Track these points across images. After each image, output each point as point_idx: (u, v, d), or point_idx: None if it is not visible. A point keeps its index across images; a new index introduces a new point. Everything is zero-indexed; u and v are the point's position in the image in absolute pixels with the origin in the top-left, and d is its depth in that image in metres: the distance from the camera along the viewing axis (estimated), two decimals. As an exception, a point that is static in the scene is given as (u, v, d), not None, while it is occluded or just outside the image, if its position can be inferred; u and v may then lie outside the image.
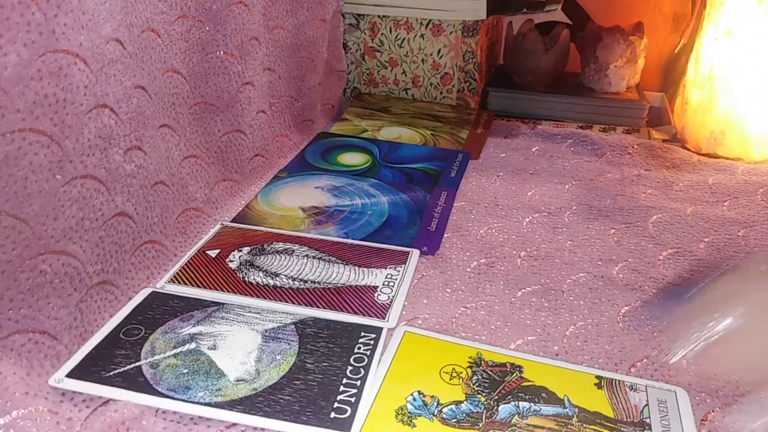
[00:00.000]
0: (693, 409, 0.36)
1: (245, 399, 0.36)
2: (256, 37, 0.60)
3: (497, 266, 0.50)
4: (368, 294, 0.45)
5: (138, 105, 0.45)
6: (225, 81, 0.57)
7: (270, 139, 0.66)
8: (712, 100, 0.75)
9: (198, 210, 0.54)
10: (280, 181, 0.63)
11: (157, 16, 0.48)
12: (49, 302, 0.37)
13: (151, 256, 0.47)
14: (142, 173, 0.45)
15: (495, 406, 0.36)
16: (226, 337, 0.40)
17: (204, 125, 0.57)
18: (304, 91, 0.71)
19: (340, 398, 0.36)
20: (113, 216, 0.42)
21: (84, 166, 0.39)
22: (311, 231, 0.54)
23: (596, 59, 0.86)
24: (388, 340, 0.41)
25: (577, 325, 0.43)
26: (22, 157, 0.35)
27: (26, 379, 0.35)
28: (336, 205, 0.58)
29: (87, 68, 0.38)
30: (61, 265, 0.38)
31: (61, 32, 0.36)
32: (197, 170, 0.55)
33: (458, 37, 0.79)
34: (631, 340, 0.42)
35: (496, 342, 0.42)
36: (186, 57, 0.53)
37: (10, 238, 0.35)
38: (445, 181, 0.64)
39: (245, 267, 0.48)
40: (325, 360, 0.39)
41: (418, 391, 0.37)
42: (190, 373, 0.37)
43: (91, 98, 0.39)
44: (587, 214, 0.58)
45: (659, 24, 0.99)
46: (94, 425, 0.34)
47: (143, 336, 0.40)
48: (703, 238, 0.54)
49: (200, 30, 0.54)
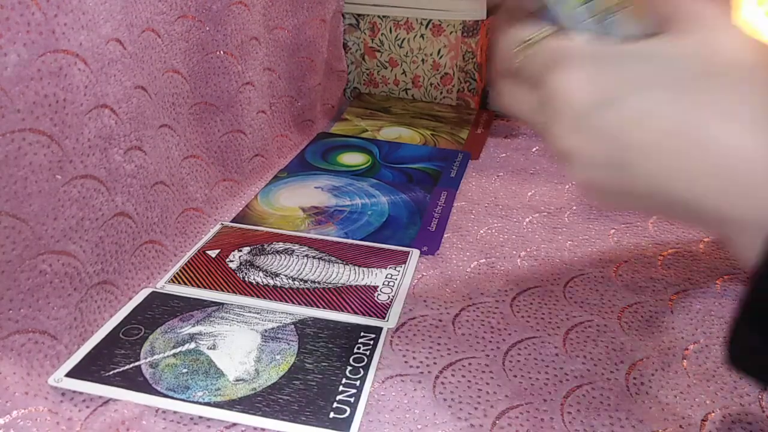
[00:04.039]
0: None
1: (244, 399, 0.36)
2: (256, 37, 0.60)
3: (497, 266, 0.50)
4: (368, 294, 0.45)
5: (138, 105, 0.45)
6: (225, 81, 0.57)
7: (270, 139, 0.66)
8: (712, 100, 0.75)
9: (198, 210, 0.54)
10: (280, 181, 0.63)
11: (157, 16, 0.49)
12: (49, 302, 0.37)
13: (151, 256, 0.47)
14: (142, 173, 0.45)
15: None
16: (226, 336, 0.40)
17: (204, 125, 0.57)
18: (304, 91, 0.71)
19: (339, 398, 0.36)
20: (113, 216, 0.42)
21: (84, 166, 0.39)
22: (311, 231, 0.54)
23: (596, 59, 0.86)
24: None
25: (577, 324, 0.43)
26: (22, 157, 0.35)
27: (26, 379, 0.35)
28: (336, 205, 0.58)
29: (87, 68, 0.38)
30: (61, 265, 0.38)
31: (61, 32, 0.36)
32: (197, 170, 0.55)
33: (458, 37, 0.79)
34: (631, 339, 0.42)
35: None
36: (186, 57, 0.53)
37: (10, 238, 0.35)
38: (445, 181, 0.64)
39: (245, 267, 0.48)
40: (325, 360, 0.39)
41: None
42: (189, 372, 0.37)
43: (91, 98, 0.39)
44: (587, 214, 0.58)
45: (659, 24, 0.99)
46: (94, 425, 0.34)
47: (143, 336, 0.40)
48: (703, 238, 0.54)
49: (200, 30, 0.54)
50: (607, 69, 0.27)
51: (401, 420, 0.35)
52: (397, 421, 0.35)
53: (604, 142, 0.27)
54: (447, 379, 0.39)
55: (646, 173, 0.26)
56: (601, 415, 0.36)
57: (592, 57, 0.28)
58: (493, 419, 0.36)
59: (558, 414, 0.36)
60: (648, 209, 0.34)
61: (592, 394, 0.38)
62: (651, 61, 0.26)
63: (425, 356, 0.40)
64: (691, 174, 0.25)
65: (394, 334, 0.42)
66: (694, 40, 0.26)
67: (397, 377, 0.38)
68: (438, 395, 0.37)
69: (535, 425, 0.35)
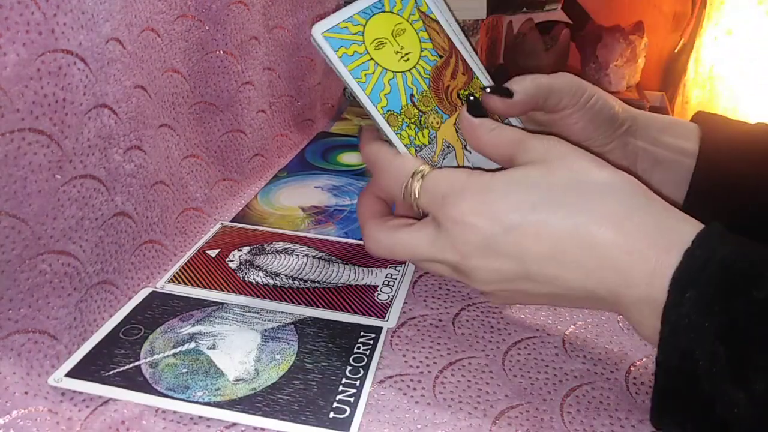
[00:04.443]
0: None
1: (244, 398, 0.36)
2: (256, 36, 0.60)
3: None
4: (368, 293, 0.45)
5: (138, 105, 0.45)
6: (225, 80, 0.57)
7: (270, 138, 0.66)
8: (712, 100, 0.75)
9: (198, 210, 0.54)
10: (280, 180, 0.63)
11: (157, 16, 0.48)
12: (48, 302, 0.37)
13: (151, 255, 0.47)
14: (141, 173, 0.45)
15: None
16: (226, 336, 0.40)
17: (204, 125, 0.57)
18: (303, 90, 0.71)
19: (339, 398, 0.36)
20: (113, 216, 0.42)
21: (84, 166, 0.39)
22: (311, 230, 0.54)
23: (596, 58, 0.86)
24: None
25: (577, 324, 0.43)
26: (22, 157, 0.35)
27: (26, 379, 0.35)
28: (336, 205, 0.58)
29: (86, 68, 0.38)
30: (60, 264, 0.38)
31: (60, 32, 0.36)
32: (197, 170, 0.55)
33: (458, 36, 0.79)
34: (631, 339, 0.42)
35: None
36: (186, 56, 0.53)
37: (10, 237, 0.35)
38: (444, 180, 0.63)
39: (245, 267, 0.48)
40: (325, 360, 0.39)
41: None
42: (189, 372, 0.37)
43: (91, 98, 0.39)
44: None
45: (659, 23, 0.99)
46: (94, 425, 0.34)
47: (143, 335, 0.40)
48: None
49: (200, 29, 0.54)
50: (497, 199, 0.33)
51: (401, 420, 0.35)
52: (396, 421, 0.35)
53: (509, 261, 0.33)
54: (447, 378, 0.39)
55: (547, 277, 0.32)
56: (601, 415, 0.36)
57: (479, 191, 0.33)
58: (493, 419, 0.36)
59: (558, 414, 0.36)
60: (551, 304, 0.41)
61: (592, 394, 0.38)
62: (533, 188, 0.32)
63: (425, 356, 0.40)
64: (585, 269, 0.31)
65: (394, 333, 0.42)
66: (562, 169, 0.33)
67: (397, 377, 0.38)
68: (438, 395, 0.37)
69: (535, 425, 0.35)
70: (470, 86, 0.39)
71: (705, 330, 0.27)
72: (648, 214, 0.31)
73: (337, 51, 0.35)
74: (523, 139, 0.35)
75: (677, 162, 0.43)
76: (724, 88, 0.72)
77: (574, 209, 0.31)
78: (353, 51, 0.36)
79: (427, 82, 0.38)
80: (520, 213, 0.32)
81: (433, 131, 0.38)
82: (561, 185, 0.32)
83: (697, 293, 0.28)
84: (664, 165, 0.43)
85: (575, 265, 0.31)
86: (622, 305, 0.32)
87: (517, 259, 0.32)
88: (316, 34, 0.35)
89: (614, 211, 0.31)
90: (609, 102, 0.42)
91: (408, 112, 0.37)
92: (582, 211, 0.31)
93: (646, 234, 0.30)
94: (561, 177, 0.32)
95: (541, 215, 0.31)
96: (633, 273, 0.30)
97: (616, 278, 0.30)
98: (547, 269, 0.32)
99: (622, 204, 0.31)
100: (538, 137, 0.35)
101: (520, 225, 0.32)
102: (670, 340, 0.29)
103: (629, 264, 0.30)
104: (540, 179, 0.32)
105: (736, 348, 0.27)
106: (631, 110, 0.43)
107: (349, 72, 0.35)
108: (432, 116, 0.38)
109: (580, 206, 0.31)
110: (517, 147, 0.35)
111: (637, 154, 0.43)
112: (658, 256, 0.29)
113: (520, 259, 0.32)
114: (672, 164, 0.43)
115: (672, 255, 0.29)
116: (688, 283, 0.28)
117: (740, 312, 0.27)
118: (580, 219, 0.31)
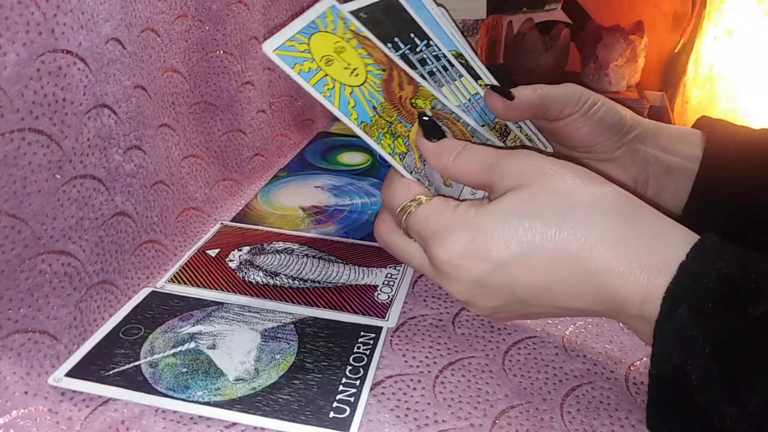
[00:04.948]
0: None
1: (244, 398, 0.36)
2: (256, 36, 0.60)
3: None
4: (368, 293, 0.45)
5: (138, 105, 0.45)
6: (225, 80, 0.57)
7: (270, 138, 0.66)
8: (712, 100, 0.75)
9: (198, 209, 0.54)
10: (279, 180, 0.63)
11: (157, 16, 0.48)
12: (48, 302, 0.37)
13: (151, 255, 0.47)
14: (141, 173, 0.45)
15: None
16: (226, 336, 0.40)
17: (204, 125, 0.57)
18: (303, 90, 0.71)
19: (339, 398, 0.36)
20: (113, 216, 0.42)
21: (83, 166, 0.39)
22: (311, 230, 0.54)
23: (596, 58, 0.86)
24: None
25: (577, 324, 0.44)
26: (22, 157, 0.35)
27: (26, 379, 0.35)
28: (336, 205, 0.58)
29: (86, 68, 0.38)
30: (60, 264, 0.38)
31: (60, 32, 0.36)
32: (197, 170, 0.55)
33: (458, 36, 0.79)
34: (631, 339, 0.42)
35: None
36: (186, 56, 0.53)
37: (10, 237, 0.35)
38: (444, 180, 0.64)
39: (245, 266, 0.48)
40: (325, 359, 0.39)
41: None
42: (189, 372, 0.37)
43: (91, 98, 0.39)
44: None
45: (659, 23, 0.99)
46: (94, 424, 0.34)
47: (143, 335, 0.40)
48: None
49: (200, 29, 0.54)
50: (485, 238, 0.32)
51: (401, 420, 0.35)
52: (396, 420, 0.35)
53: (503, 295, 0.33)
54: (447, 378, 0.39)
55: (543, 303, 0.33)
56: (601, 415, 0.36)
57: (465, 229, 0.33)
58: (493, 419, 0.36)
59: (558, 413, 0.36)
60: (551, 317, 0.42)
61: (592, 393, 0.38)
62: (520, 221, 0.31)
63: (425, 356, 0.40)
64: (579, 294, 0.31)
65: (394, 333, 0.42)
66: (546, 193, 0.32)
67: (397, 377, 0.38)
68: (438, 395, 0.37)
69: (535, 425, 0.35)
70: (419, 94, 0.39)
71: (698, 345, 0.27)
72: (640, 233, 0.31)
73: (293, 67, 0.34)
74: (493, 162, 0.34)
75: (690, 170, 0.43)
76: (724, 88, 0.72)
77: (563, 237, 0.31)
78: (308, 67, 0.35)
79: (382, 94, 0.37)
80: (508, 249, 0.31)
81: (406, 139, 0.37)
82: (547, 213, 0.31)
83: (691, 307, 0.28)
84: (676, 173, 0.43)
85: (569, 291, 0.31)
86: (620, 319, 0.32)
87: (511, 291, 0.32)
88: (268, 51, 0.34)
89: (604, 234, 0.30)
90: (614, 108, 0.42)
91: (378, 122, 0.36)
92: (572, 238, 0.31)
93: (639, 254, 0.30)
94: (546, 203, 0.32)
95: (531, 248, 0.31)
96: (627, 294, 0.30)
97: (611, 300, 0.31)
98: (542, 297, 0.32)
99: (612, 225, 0.31)
100: (510, 155, 0.34)
101: (510, 261, 0.31)
102: (663, 355, 0.28)
103: (623, 285, 0.30)
104: (526, 209, 0.32)
105: (729, 364, 0.27)
106: (640, 118, 0.43)
107: (312, 87, 0.35)
108: (398, 125, 0.37)
109: (569, 233, 0.31)
110: (490, 173, 0.34)
111: (647, 161, 0.43)
112: (651, 275, 0.29)
113: (513, 290, 0.32)
114: (685, 172, 0.43)
115: (665, 271, 0.29)
116: (681, 298, 0.28)
117: (734, 328, 0.27)
118: (570, 246, 0.31)
